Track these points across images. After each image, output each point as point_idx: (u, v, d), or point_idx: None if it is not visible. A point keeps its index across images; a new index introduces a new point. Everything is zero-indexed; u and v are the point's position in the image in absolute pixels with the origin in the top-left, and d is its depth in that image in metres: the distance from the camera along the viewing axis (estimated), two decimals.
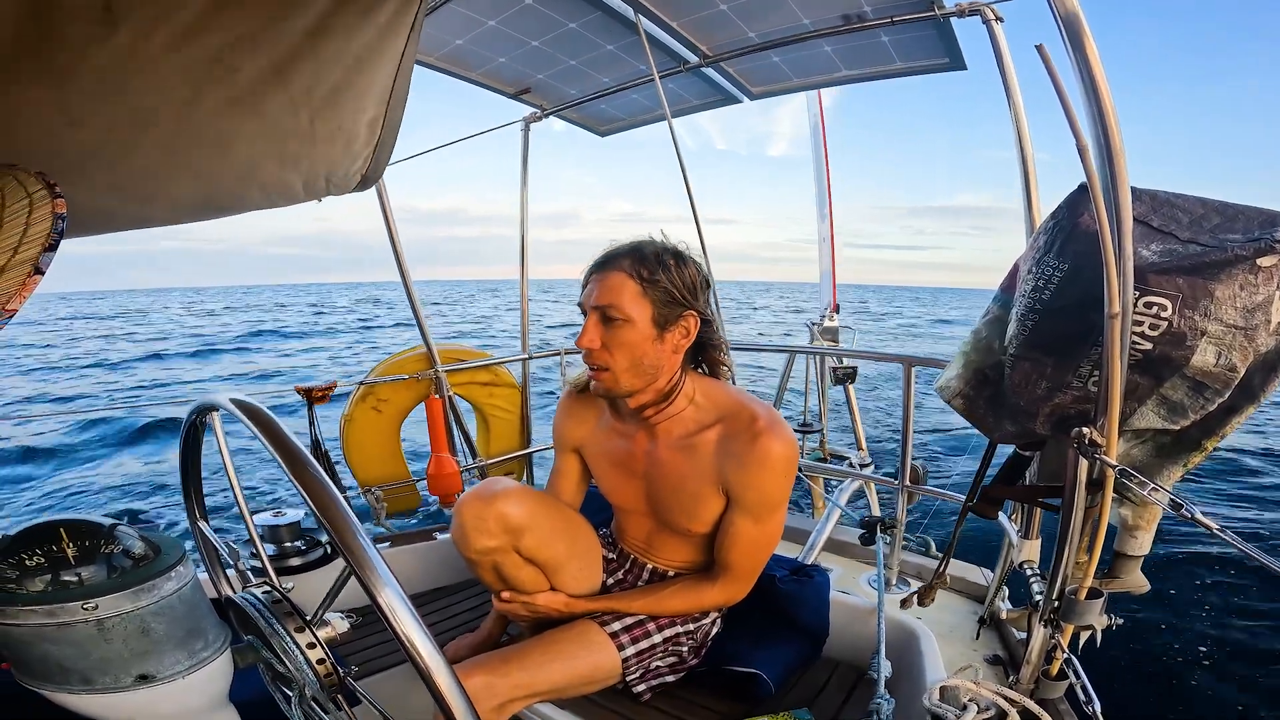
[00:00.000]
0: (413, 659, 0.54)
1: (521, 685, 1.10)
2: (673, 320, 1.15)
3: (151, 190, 0.85)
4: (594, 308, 1.14)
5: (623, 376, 1.15)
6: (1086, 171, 0.88)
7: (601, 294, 1.13)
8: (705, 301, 1.20)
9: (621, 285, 1.12)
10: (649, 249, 1.16)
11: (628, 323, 1.12)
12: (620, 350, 1.14)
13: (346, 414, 2.33)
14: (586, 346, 1.14)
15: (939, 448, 7.28)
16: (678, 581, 1.30)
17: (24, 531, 0.76)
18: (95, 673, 0.68)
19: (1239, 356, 0.92)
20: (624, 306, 1.12)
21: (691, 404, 1.22)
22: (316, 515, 0.58)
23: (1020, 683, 1.20)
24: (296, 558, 1.70)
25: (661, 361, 1.16)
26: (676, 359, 1.19)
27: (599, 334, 1.14)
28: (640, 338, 1.13)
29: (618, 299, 1.12)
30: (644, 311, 1.13)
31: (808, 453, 3.42)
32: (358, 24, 0.76)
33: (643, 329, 1.13)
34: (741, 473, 1.15)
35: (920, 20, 1.56)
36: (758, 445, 1.12)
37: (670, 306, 1.14)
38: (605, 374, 1.16)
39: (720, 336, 1.28)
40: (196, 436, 0.89)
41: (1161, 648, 3.35)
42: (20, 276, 0.39)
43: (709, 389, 1.23)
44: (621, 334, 1.13)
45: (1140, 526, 1.14)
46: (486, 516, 1.16)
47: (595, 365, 1.16)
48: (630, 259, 1.14)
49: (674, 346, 1.17)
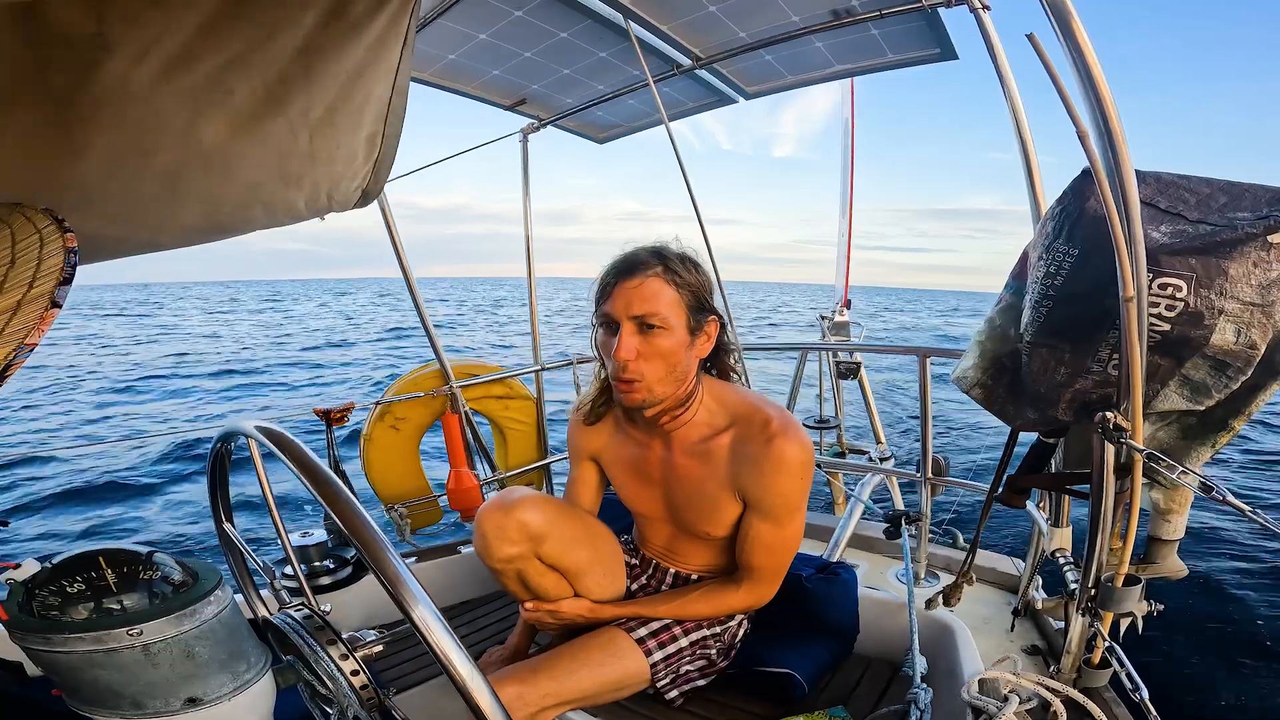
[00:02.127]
0: (450, 674, 0.54)
1: (551, 694, 1.10)
2: (700, 325, 1.14)
3: (157, 216, 0.85)
4: (632, 318, 1.09)
5: (657, 386, 1.11)
6: (1089, 157, 0.88)
7: (640, 302, 1.08)
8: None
9: (660, 292, 1.09)
10: (673, 253, 1.13)
11: (666, 330, 1.09)
12: (657, 359, 1.10)
13: (365, 433, 2.35)
14: (626, 359, 1.09)
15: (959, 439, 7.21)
16: (702, 585, 1.30)
17: (64, 561, 0.78)
18: (145, 697, 0.70)
19: (1259, 333, 0.91)
20: (665, 314, 1.08)
21: (705, 409, 1.20)
22: (349, 537, 0.59)
23: (1062, 672, 1.18)
24: (326, 576, 1.72)
25: (690, 368, 1.15)
26: (696, 365, 1.18)
27: (637, 344, 1.09)
28: (677, 345, 1.11)
29: (658, 307, 1.08)
30: (681, 318, 1.11)
31: (826, 448, 3.41)
32: (347, 41, 0.77)
33: (679, 336, 1.11)
34: (758, 477, 1.14)
35: (908, 12, 1.56)
36: (772, 449, 1.11)
37: (699, 312, 1.13)
38: (639, 384, 1.11)
39: (733, 340, 1.28)
40: (223, 463, 0.91)
41: (1209, 632, 3.28)
42: (38, 310, 0.40)
43: (721, 392, 1.22)
44: (659, 342, 1.09)
45: (1173, 510, 1.12)
46: (507, 525, 1.16)
47: (629, 377, 1.10)
48: (661, 264, 1.10)
49: (699, 352, 1.16)
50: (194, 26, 0.62)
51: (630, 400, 1.13)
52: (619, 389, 1.14)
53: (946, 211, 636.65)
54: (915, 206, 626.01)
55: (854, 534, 2.25)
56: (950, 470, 2.09)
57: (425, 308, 2.32)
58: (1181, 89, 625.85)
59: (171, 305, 49.64)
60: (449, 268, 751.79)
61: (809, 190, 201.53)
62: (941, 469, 2.03)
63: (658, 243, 1.15)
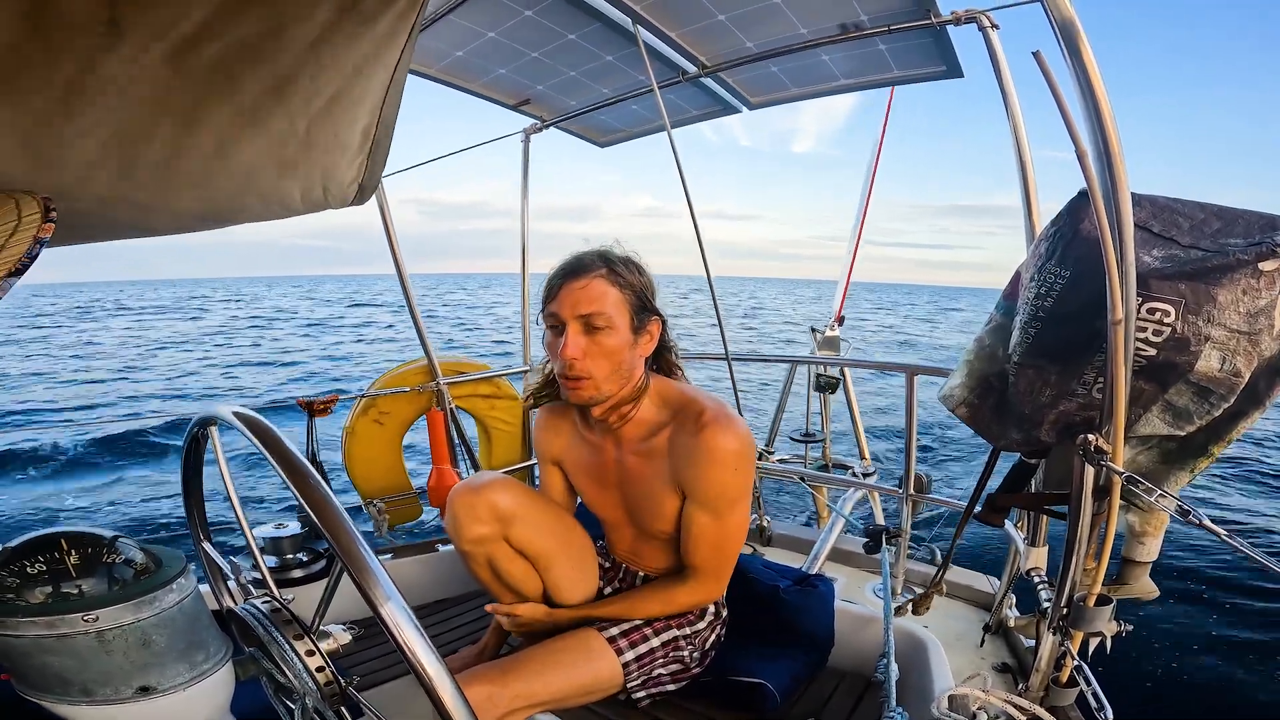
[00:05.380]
0: (415, 670, 0.53)
1: (522, 695, 1.09)
2: (643, 325, 1.18)
3: (152, 200, 0.85)
4: (578, 317, 1.13)
5: (604, 384, 1.15)
6: (1086, 177, 0.88)
7: (585, 302, 1.12)
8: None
9: (605, 292, 1.13)
10: (617, 255, 1.18)
11: (611, 330, 1.13)
12: (603, 358, 1.14)
13: (348, 426, 2.32)
14: (572, 357, 1.12)
15: (942, 455, 7.26)
16: (650, 584, 1.30)
17: (25, 542, 0.76)
18: (96, 684, 0.68)
19: (1244, 361, 0.92)
20: (609, 313, 1.12)
21: (650, 406, 1.23)
22: (318, 526, 0.58)
23: (1030, 690, 1.18)
24: (298, 569, 1.69)
25: (634, 366, 1.18)
26: (641, 363, 1.21)
27: (583, 343, 1.13)
28: (622, 343, 1.14)
29: (603, 306, 1.12)
30: (624, 318, 1.15)
31: (810, 462, 3.41)
32: (358, 33, 0.76)
33: (623, 335, 1.14)
34: (692, 468, 1.15)
35: (916, 29, 1.57)
36: (702, 438, 1.13)
37: (641, 312, 1.17)
38: (587, 382, 1.14)
39: (672, 339, 1.30)
40: (198, 449, 0.89)
41: (1174, 653, 3.32)
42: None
43: (664, 389, 1.25)
44: (605, 341, 1.13)
45: (1148, 533, 1.13)
46: (477, 505, 1.19)
47: (576, 375, 1.14)
48: (605, 266, 1.14)
49: (643, 351, 1.20)
50: (205, 13, 0.62)
51: (577, 397, 1.17)
52: (566, 386, 1.17)
53: (969, 208, 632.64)
54: (936, 203, 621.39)
55: (834, 548, 2.25)
56: (933, 488, 2.09)
57: (416, 302, 2.30)
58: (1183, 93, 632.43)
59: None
60: (467, 263, 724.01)
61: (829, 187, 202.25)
62: (924, 486, 2.03)
63: (602, 246, 1.20)
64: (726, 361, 2.33)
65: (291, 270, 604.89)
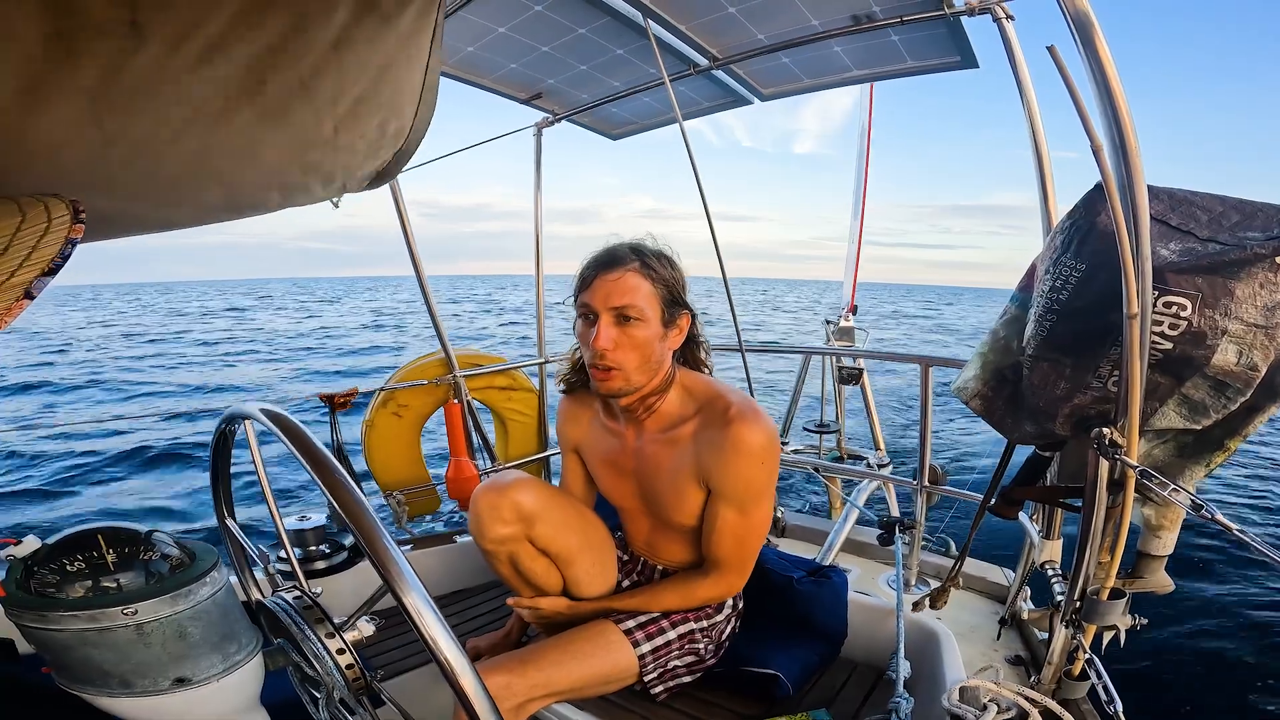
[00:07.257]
0: (438, 660, 0.55)
1: (539, 685, 1.11)
2: (674, 318, 1.19)
3: (179, 196, 0.86)
4: (611, 309, 1.14)
5: (634, 375, 1.16)
6: (1102, 171, 0.87)
7: (618, 294, 1.14)
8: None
9: (638, 285, 1.14)
10: (650, 249, 1.19)
11: (642, 322, 1.15)
12: (634, 350, 1.15)
13: (368, 419, 2.36)
14: (604, 348, 1.14)
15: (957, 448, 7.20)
16: (670, 578, 1.32)
17: (64, 539, 0.79)
18: (134, 676, 0.71)
19: (1260, 355, 0.91)
20: (641, 306, 1.14)
21: (676, 398, 1.24)
22: (346, 522, 0.60)
23: (1042, 683, 1.19)
24: (321, 561, 1.73)
25: (663, 358, 1.20)
26: (670, 356, 1.22)
27: (614, 334, 1.15)
28: (652, 336, 1.16)
29: (635, 299, 1.14)
30: (655, 311, 1.16)
31: (825, 453, 3.41)
32: (379, 33, 0.77)
33: (654, 327, 1.16)
34: (719, 462, 1.16)
35: (930, 19, 1.55)
36: (730, 432, 1.14)
37: (673, 306, 1.18)
38: (617, 374, 1.16)
39: (702, 334, 1.31)
40: (226, 445, 0.92)
41: (1186, 647, 3.29)
42: (8, 300, 0.40)
43: (691, 382, 1.26)
44: (636, 333, 1.15)
45: (1164, 527, 1.12)
46: (500, 505, 1.20)
47: (607, 365, 1.16)
48: (638, 259, 1.16)
49: (672, 344, 1.21)
50: (228, 16, 0.63)
51: (606, 388, 1.18)
52: (595, 376, 1.18)
53: (971, 208, 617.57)
54: (938, 203, 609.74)
55: (848, 539, 2.26)
56: (948, 480, 2.09)
57: (433, 297, 2.33)
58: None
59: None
60: (473, 264, 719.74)
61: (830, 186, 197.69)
62: (938, 478, 2.03)
63: (635, 240, 1.21)
64: (741, 353, 2.33)
65: (294, 273, 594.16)
